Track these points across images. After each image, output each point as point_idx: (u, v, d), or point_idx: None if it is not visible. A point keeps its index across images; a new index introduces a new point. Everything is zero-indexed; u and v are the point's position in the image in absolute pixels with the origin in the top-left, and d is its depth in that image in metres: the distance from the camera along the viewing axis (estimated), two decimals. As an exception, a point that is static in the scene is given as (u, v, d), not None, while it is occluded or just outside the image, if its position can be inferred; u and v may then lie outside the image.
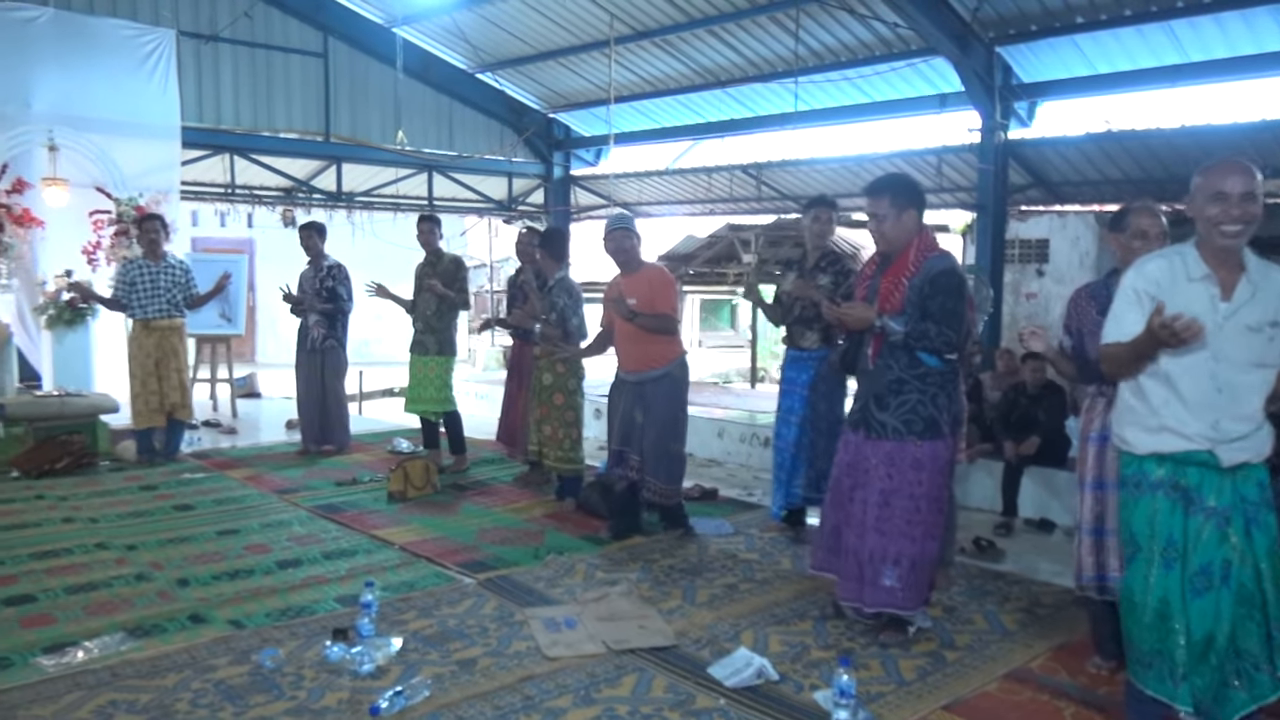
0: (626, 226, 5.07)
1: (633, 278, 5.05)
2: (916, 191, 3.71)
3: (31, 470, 6.37)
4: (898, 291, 3.58)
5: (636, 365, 5.02)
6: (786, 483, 5.18)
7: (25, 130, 8.82)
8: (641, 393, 5.00)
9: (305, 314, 7.12)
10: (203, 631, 3.72)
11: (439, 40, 12.23)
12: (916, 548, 3.57)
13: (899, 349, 3.58)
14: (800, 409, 5.06)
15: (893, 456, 3.59)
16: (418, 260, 6.85)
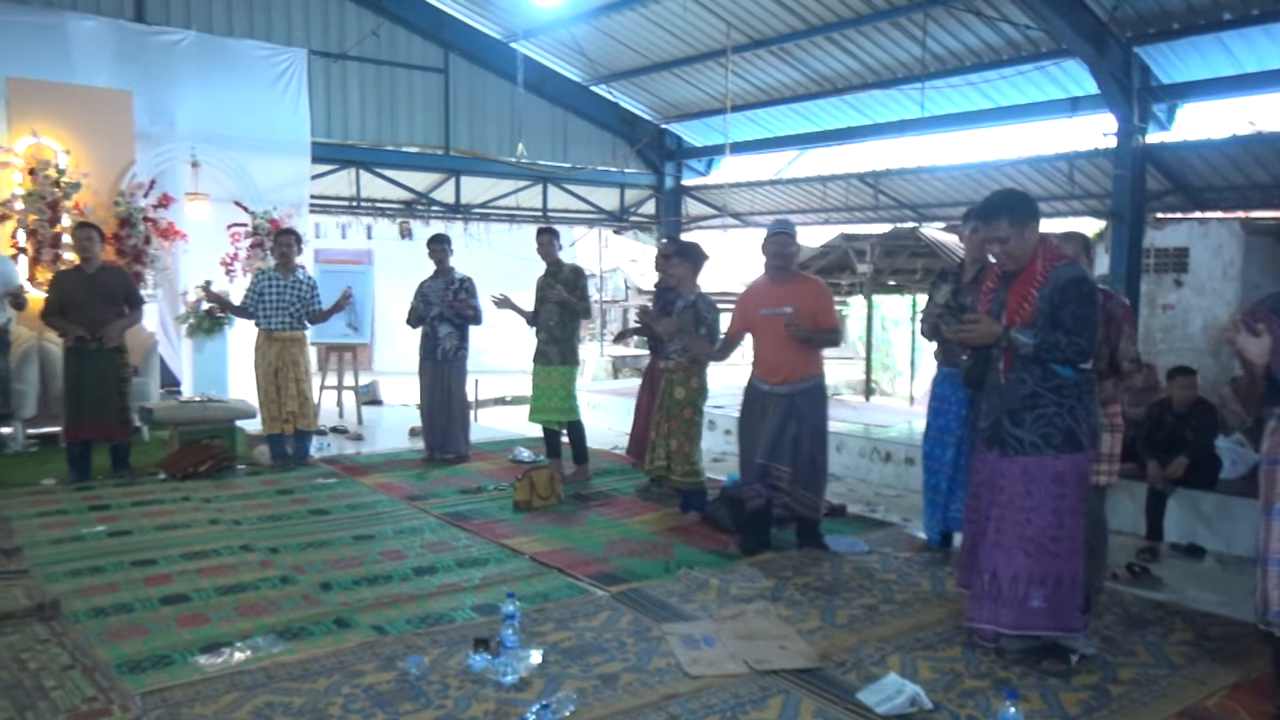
0: (789, 231, 5.00)
1: (787, 286, 4.98)
2: (1031, 204, 3.58)
3: (177, 472, 6.63)
4: (1027, 303, 3.47)
5: (788, 376, 4.93)
6: (944, 506, 4.99)
7: (170, 148, 9.28)
8: (793, 404, 4.91)
9: (433, 324, 7.25)
10: (348, 636, 3.79)
11: (555, 54, 12.40)
12: (1061, 565, 3.43)
13: (1031, 362, 3.45)
14: (958, 429, 4.87)
15: (1031, 473, 3.46)
16: (533, 271, 6.91)
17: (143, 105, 8.95)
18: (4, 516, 5.50)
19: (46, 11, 8.97)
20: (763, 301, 5.04)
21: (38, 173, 8.07)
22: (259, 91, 10.05)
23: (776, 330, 4.93)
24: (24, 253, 8.02)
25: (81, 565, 4.63)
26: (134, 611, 4.02)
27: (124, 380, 6.55)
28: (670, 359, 5.55)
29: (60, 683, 3.28)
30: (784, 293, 4.96)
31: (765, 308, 5.00)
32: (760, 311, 5.04)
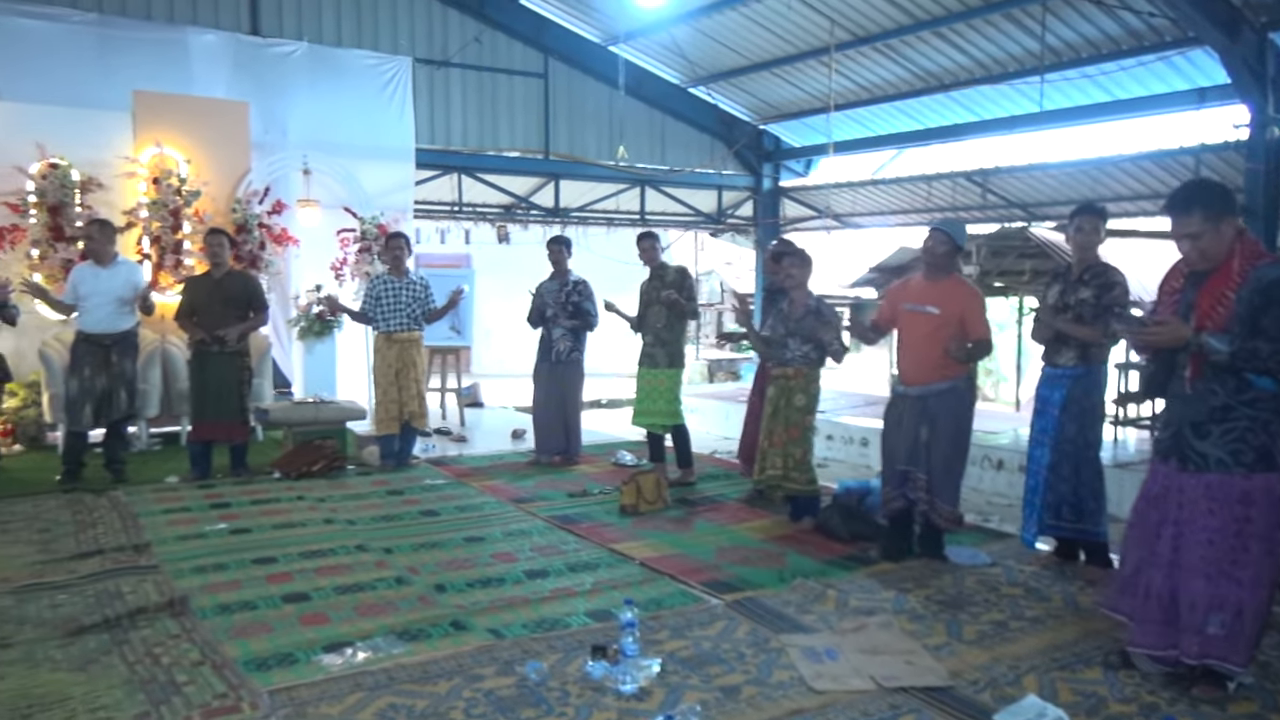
0: (948, 231, 4.84)
1: (937, 285, 4.83)
2: (1228, 196, 3.25)
3: (291, 472, 6.79)
4: (1222, 306, 3.16)
5: (924, 377, 4.78)
6: (1040, 508, 4.78)
7: (283, 156, 9.53)
8: (925, 407, 4.76)
9: (550, 327, 7.27)
10: (465, 639, 3.78)
11: (653, 56, 12.37)
12: (1244, 593, 3.15)
13: (1224, 371, 3.16)
14: (1054, 430, 4.67)
15: (1215, 491, 3.18)
16: (631, 274, 6.88)
17: (257, 115, 9.22)
18: (133, 513, 5.70)
19: (169, 27, 9.33)
20: (909, 296, 4.89)
21: (161, 182, 8.38)
22: (366, 99, 10.27)
23: (915, 328, 4.80)
24: (148, 259, 8.34)
25: (206, 562, 4.76)
26: (258, 609, 4.10)
27: (244, 382, 6.74)
28: (789, 365, 5.40)
29: (192, 678, 3.35)
30: (933, 291, 4.81)
31: (910, 303, 4.85)
32: (904, 306, 4.90)
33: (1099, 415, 4.68)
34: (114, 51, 8.84)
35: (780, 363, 5.45)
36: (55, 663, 3.50)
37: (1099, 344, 4.58)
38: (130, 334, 6.70)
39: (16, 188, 7.91)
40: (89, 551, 4.90)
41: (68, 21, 8.74)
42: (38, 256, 7.90)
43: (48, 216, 7.94)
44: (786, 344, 5.44)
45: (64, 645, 3.66)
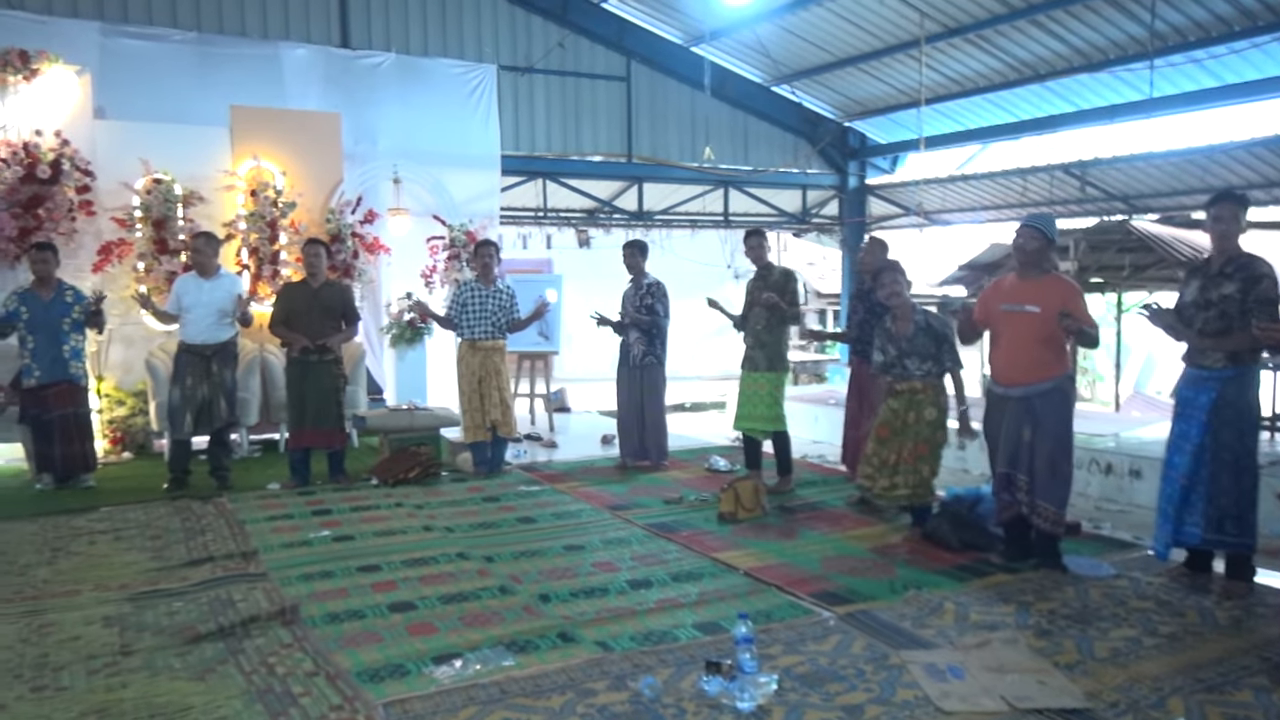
0: (1038, 226, 4.65)
1: (1034, 283, 4.64)
2: None
3: (388, 478, 6.85)
4: None
5: (1025, 376, 4.59)
6: (1175, 518, 4.50)
7: (373, 166, 9.67)
8: (1029, 407, 4.57)
9: (626, 331, 7.21)
10: (573, 651, 3.72)
11: (736, 55, 12.24)
12: None
13: None
14: (1198, 435, 4.39)
15: None
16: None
17: (348, 126, 9.36)
18: (239, 519, 5.80)
19: (263, 43, 9.54)
20: (1005, 297, 4.70)
21: (258, 194, 8.57)
22: (453, 108, 10.37)
23: (1014, 328, 4.61)
24: (247, 269, 8.52)
25: (312, 570, 4.79)
26: (366, 618, 4.10)
27: (340, 390, 6.83)
28: (913, 379, 5.18)
29: (307, 689, 3.35)
30: (1030, 289, 4.62)
31: (1007, 303, 4.66)
32: (1000, 306, 4.70)
33: (1255, 419, 4.40)
34: (212, 68, 9.08)
35: (903, 377, 5.22)
36: (174, 671, 3.54)
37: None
38: (230, 344, 6.84)
39: (123, 203, 8.15)
40: (200, 559, 4.99)
41: (169, 41, 9.01)
42: (144, 269, 8.13)
43: (153, 230, 8.17)
44: (904, 364, 5.22)
45: (182, 653, 3.70)
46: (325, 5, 10.16)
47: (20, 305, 6.53)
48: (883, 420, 5.32)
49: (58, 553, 5.16)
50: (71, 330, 6.65)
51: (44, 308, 6.56)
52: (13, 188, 7.66)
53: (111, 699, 3.30)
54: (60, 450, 6.64)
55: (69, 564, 4.95)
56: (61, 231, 7.78)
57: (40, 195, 7.74)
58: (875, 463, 5.26)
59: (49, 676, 3.50)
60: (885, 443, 5.28)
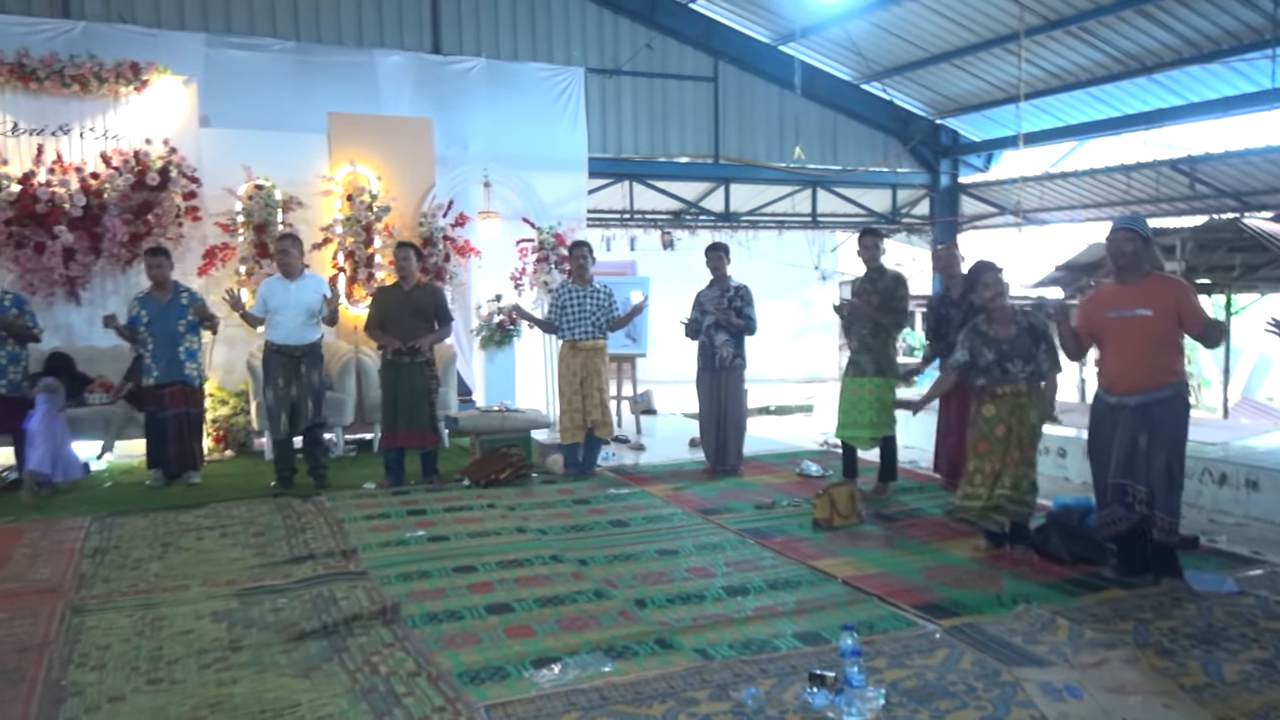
0: (1132, 228, 4.45)
1: (1139, 286, 4.44)
2: None
3: (480, 479, 6.90)
4: None
5: (1142, 384, 4.38)
6: None
7: (464, 170, 9.79)
8: (1147, 415, 4.36)
9: (710, 333, 7.14)
10: (672, 658, 3.67)
11: (825, 53, 12.08)
12: None
13: None
14: None
15: None
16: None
17: (439, 130, 9.49)
18: (337, 518, 5.91)
19: (358, 51, 9.75)
20: (1111, 304, 4.50)
21: (354, 199, 8.75)
22: (541, 111, 10.43)
23: (1125, 335, 4.41)
24: (342, 272, 8.71)
25: (410, 569, 4.84)
26: (464, 619, 4.12)
27: (433, 391, 6.91)
28: (1016, 382, 4.97)
29: (410, 689, 3.37)
30: (1136, 294, 4.41)
31: (1115, 310, 4.46)
32: (1108, 315, 4.50)
33: None
34: (310, 76, 9.31)
35: (1006, 380, 5.00)
36: (281, 668, 3.60)
37: None
38: (317, 345, 6.95)
39: (227, 208, 8.41)
40: (302, 556, 5.08)
41: (269, 50, 9.26)
42: (245, 273, 8.37)
43: (254, 235, 8.41)
44: (1005, 367, 4.99)
45: (288, 650, 3.76)
46: (418, 12, 10.35)
47: (140, 309, 6.78)
48: (980, 434, 5.03)
49: (167, 548, 5.33)
50: (187, 332, 6.86)
51: (161, 311, 6.80)
52: (124, 195, 7.96)
53: (223, 693, 3.37)
54: (174, 448, 6.86)
55: (178, 559, 5.10)
56: (169, 237, 8.06)
57: (150, 202, 8.04)
58: (978, 480, 5.01)
59: (163, 670, 3.59)
60: (986, 456, 5.03)
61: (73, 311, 8.07)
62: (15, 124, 7.87)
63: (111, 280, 8.07)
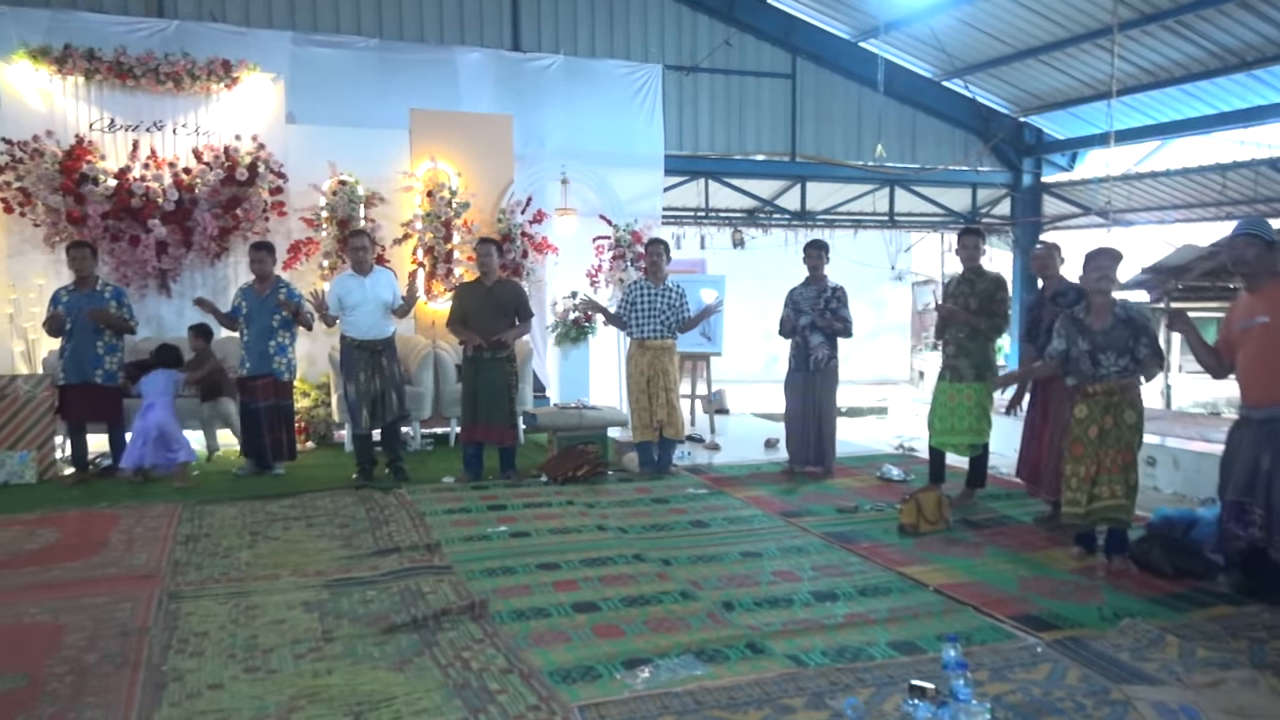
0: (1253, 231, 4.25)
1: (1262, 292, 4.25)
2: None
3: (557, 476, 6.90)
4: None
5: (1265, 397, 4.19)
6: None
7: (541, 167, 9.82)
8: (1272, 433, 4.15)
9: (804, 333, 7.04)
10: (764, 663, 3.60)
11: (906, 50, 11.85)
12: None
13: None
14: None
15: None
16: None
17: (517, 127, 9.52)
18: (419, 511, 5.95)
19: (440, 48, 9.84)
20: (1239, 314, 4.32)
21: (434, 195, 8.83)
22: (618, 108, 10.40)
23: (1250, 346, 4.22)
24: (421, 267, 8.80)
25: (494, 565, 4.85)
26: (551, 617, 4.10)
27: (513, 387, 6.93)
28: (1109, 379, 4.80)
29: (503, 686, 3.36)
30: (1259, 301, 4.23)
31: (1241, 321, 4.27)
32: (1237, 326, 4.32)
33: None
34: (392, 73, 9.41)
35: (1097, 378, 4.83)
36: (374, 660, 3.62)
37: None
38: (393, 339, 7.01)
39: (311, 204, 8.55)
40: (387, 549, 5.12)
41: (353, 48, 9.39)
42: (328, 267, 8.49)
43: (337, 229, 8.53)
44: (1096, 359, 4.82)
45: (380, 642, 3.78)
46: (498, 10, 10.40)
47: (242, 300, 6.94)
48: (1074, 437, 4.88)
49: (256, 537, 5.42)
50: (280, 327, 6.99)
51: (259, 303, 6.94)
52: (214, 190, 8.15)
53: (319, 684, 3.39)
54: (268, 439, 7.00)
55: (267, 548, 5.18)
56: (256, 231, 8.22)
57: (238, 197, 8.21)
58: (1074, 484, 4.85)
59: (259, 658, 3.63)
60: (1081, 459, 4.86)
61: (163, 304, 8.28)
62: (112, 120, 8.11)
63: (200, 273, 8.26)
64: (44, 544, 5.28)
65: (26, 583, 4.57)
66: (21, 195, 7.75)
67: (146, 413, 6.84)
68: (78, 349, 6.79)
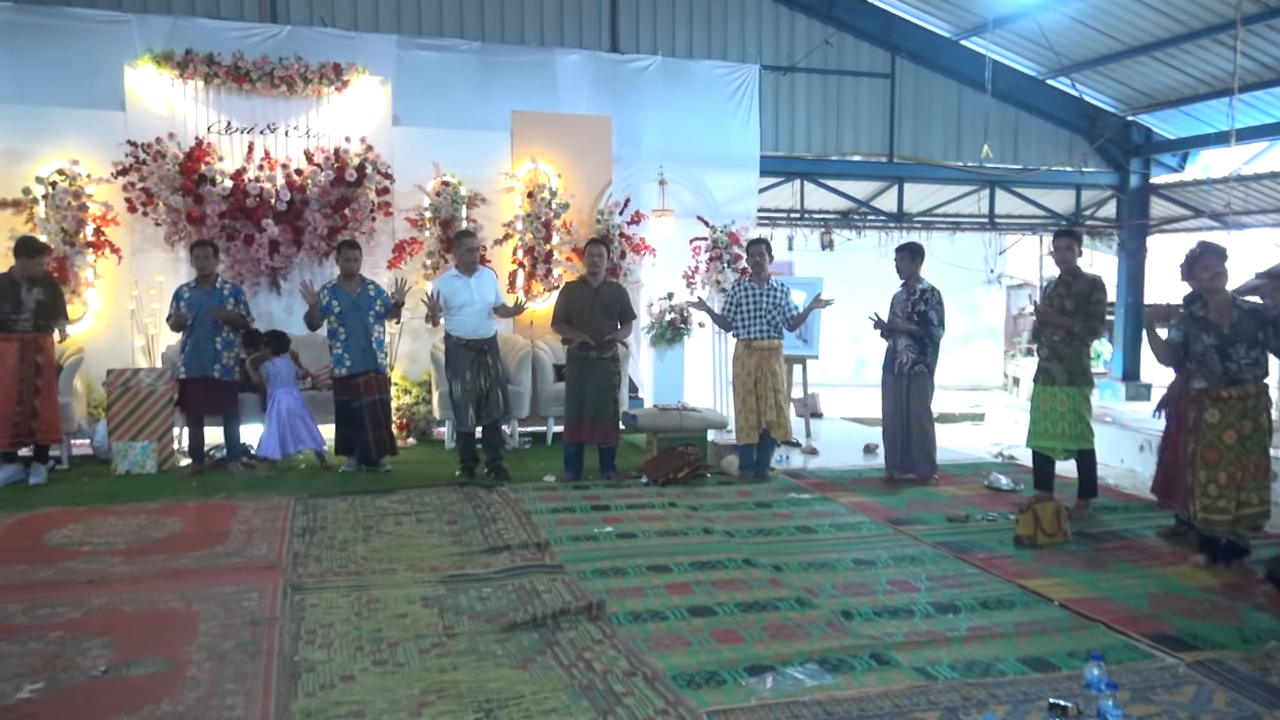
0: None
1: None
2: None
3: (658, 477, 6.89)
4: None
5: None
6: None
7: (638, 168, 9.81)
8: None
9: (895, 337, 6.91)
10: (891, 675, 3.52)
11: (1009, 47, 11.53)
12: None
13: None
14: None
15: None
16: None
17: (615, 128, 9.55)
18: (524, 510, 6.00)
19: (540, 50, 9.91)
20: None
21: (535, 195, 8.91)
22: (714, 108, 10.33)
23: None
24: (522, 267, 8.88)
25: (604, 565, 4.86)
26: (668, 620, 4.08)
27: (616, 387, 6.94)
28: (1244, 384, 4.57)
29: (628, 689, 3.35)
30: None
31: None
32: None
33: None
34: (494, 75, 9.52)
35: (1229, 381, 4.62)
36: (498, 658, 3.64)
37: None
38: (496, 338, 7.08)
39: (415, 204, 8.70)
40: (497, 546, 5.17)
41: (456, 51, 9.52)
42: (431, 266, 8.63)
43: (440, 229, 8.66)
44: (1226, 353, 4.62)
45: (501, 640, 3.81)
46: (597, 11, 10.44)
47: (332, 299, 7.07)
48: (1206, 443, 4.72)
49: (369, 531, 5.52)
50: (376, 322, 7.13)
51: (353, 302, 7.08)
52: (324, 190, 8.35)
53: (446, 680, 3.43)
54: (371, 435, 7.13)
55: (381, 543, 5.27)
56: (363, 231, 8.40)
57: (347, 197, 8.40)
58: (1213, 491, 4.67)
59: (386, 651, 3.69)
60: (1218, 465, 4.69)
61: (273, 301, 8.51)
62: (229, 123, 8.37)
63: (309, 271, 8.46)
64: (170, 533, 5.47)
65: (158, 570, 4.75)
66: (145, 195, 8.05)
67: (279, 401, 7.12)
68: (198, 344, 7.02)
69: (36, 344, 6.66)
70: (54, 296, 6.79)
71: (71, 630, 3.89)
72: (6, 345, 6.57)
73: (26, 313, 6.60)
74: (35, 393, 6.64)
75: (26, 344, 6.62)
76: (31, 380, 6.63)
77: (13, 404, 6.55)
